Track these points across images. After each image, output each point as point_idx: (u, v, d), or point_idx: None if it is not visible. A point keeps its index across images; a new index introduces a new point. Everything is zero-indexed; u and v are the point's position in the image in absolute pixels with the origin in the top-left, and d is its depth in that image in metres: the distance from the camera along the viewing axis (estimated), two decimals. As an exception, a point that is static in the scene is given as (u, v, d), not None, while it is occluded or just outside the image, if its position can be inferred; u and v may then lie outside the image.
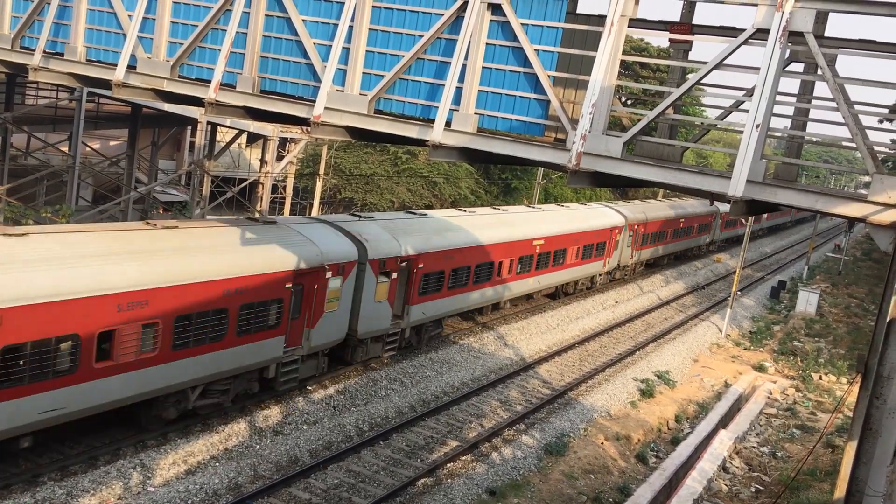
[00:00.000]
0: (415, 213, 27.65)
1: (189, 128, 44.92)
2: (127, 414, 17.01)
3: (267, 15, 13.16)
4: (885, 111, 12.18)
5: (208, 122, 35.83)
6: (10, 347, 13.51)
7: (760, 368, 31.92)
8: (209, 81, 13.45)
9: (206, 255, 17.26)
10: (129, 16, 14.46)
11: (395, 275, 22.97)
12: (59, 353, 14.31)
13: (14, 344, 13.57)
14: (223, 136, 41.23)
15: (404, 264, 23.47)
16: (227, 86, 13.56)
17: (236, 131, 38.12)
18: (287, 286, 19.01)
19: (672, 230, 49.00)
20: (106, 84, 15.06)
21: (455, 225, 27.38)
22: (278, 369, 19.73)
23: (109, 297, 14.92)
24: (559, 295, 36.76)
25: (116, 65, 14.53)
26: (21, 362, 13.74)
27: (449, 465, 18.58)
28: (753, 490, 20.30)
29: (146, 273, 15.74)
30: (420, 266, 24.06)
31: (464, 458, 19.10)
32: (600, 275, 40.11)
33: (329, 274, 20.26)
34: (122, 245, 16.10)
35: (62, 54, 15.84)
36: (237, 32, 13.22)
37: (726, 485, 20.32)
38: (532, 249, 31.06)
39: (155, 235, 17.17)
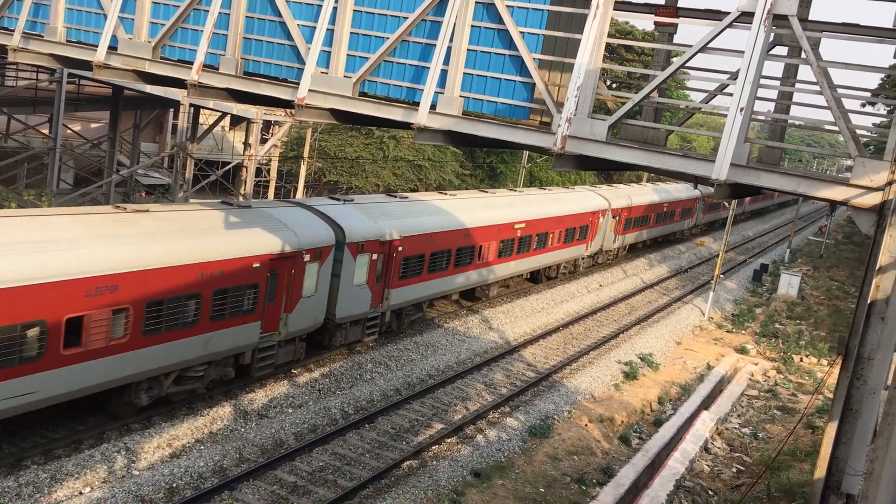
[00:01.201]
0: (395, 197, 27.33)
1: (171, 110, 44.55)
2: (100, 401, 16.90)
3: (250, -4, 13.03)
4: (868, 95, 12.24)
5: (191, 105, 35.52)
6: None
7: (742, 350, 32.23)
8: (191, 63, 13.32)
9: (176, 239, 17.04)
10: (110, -4, 14.27)
11: (374, 258, 22.73)
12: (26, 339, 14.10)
13: None
14: (206, 118, 40.92)
15: (384, 248, 23.30)
16: (210, 67, 13.43)
17: (219, 114, 37.81)
18: (262, 271, 18.75)
19: (655, 214, 49.09)
20: (87, 65, 14.89)
21: (436, 208, 27.23)
22: (254, 355, 19.60)
23: (78, 281, 14.65)
24: (541, 279, 36.73)
25: (97, 46, 14.35)
26: None
27: (434, 447, 18.67)
28: (735, 470, 20.56)
29: (115, 257, 15.49)
30: (400, 249, 23.81)
31: (449, 440, 19.19)
32: (583, 258, 40.11)
33: (307, 258, 20.14)
34: (91, 230, 15.91)
35: (42, 35, 15.63)
36: (220, 13, 13.09)
37: (708, 465, 20.56)
38: (514, 233, 30.88)
39: (125, 219, 17.00)
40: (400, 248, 23.83)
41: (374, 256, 22.86)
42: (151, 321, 16.26)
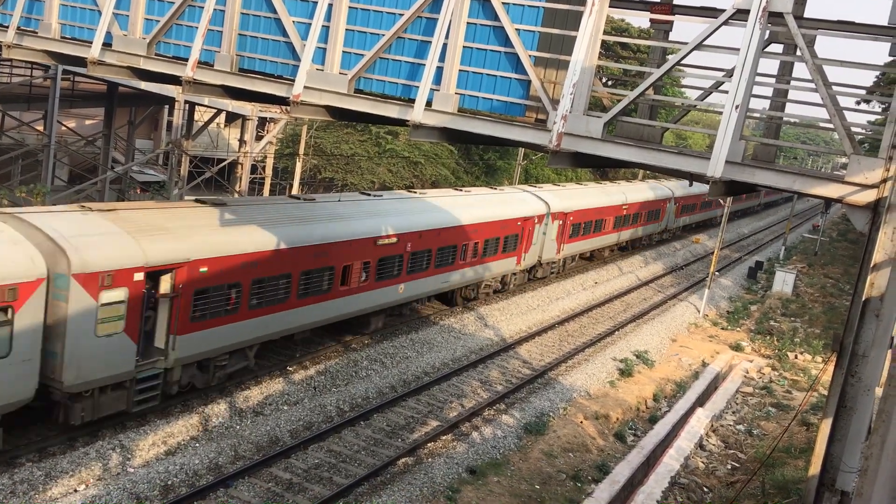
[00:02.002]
0: (204, 202, 20.22)
1: (166, 107, 44.43)
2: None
3: (245, -8, 12.99)
4: (863, 92, 12.26)
5: (186, 101, 35.46)
6: None
7: (737, 348, 32.30)
8: (186, 60, 13.28)
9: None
10: (105, -8, 14.21)
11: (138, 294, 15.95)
12: None
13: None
14: (201, 115, 40.82)
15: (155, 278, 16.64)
16: (205, 64, 13.40)
17: (214, 110, 37.74)
18: None
19: (612, 218, 42.98)
20: (81, 62, 14.84)
21: (274, 217, 20.37)
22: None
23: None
24: (456, 302, 30.12)
25: (92, 42, 14.30)
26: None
27: (429, 444, 18.68)
28: (730, 467, 20.61)
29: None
30: (193, 279, 17.08)
31: (444, 437, 19.20)
32: (515, 274, 33.76)
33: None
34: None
35: (36, 31, 15.57)
36: (215, 9, 13.04)
37: (703, 462, 20.60)
38: (399, 248, 24.25)
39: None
40: (204, 271, 17.28)
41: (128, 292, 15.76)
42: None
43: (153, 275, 16.40)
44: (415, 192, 29.81)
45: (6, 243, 14.32)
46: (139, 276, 15.81)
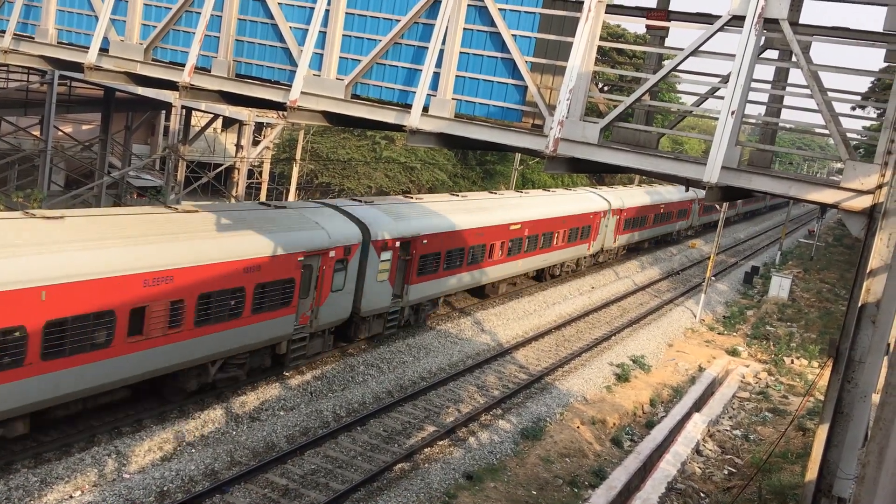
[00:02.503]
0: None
1: (163, 112, 44.38)
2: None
3: (242, -2, 13.01)
4: (858, 98, 12.31)
5: (183, 107, 35.44)
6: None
7: (734, 353, 32.31)
8: (183, 65, 13.29)
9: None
10: (101, -3, 14.23)
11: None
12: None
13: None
14: (198, 120, 40.81)
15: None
16: (202, 69, 13.41)
17: (211, 116, 37.73)
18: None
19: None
20: (78, 67, 14.85)
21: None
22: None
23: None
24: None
25: (88, 48, 14.30)
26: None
27: (426, 450, 18.65)
28: (726, 472, 20.60)
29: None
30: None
31: (441, 443, 19.17)
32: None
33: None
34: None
35: (33, 37, 15.57)
36: (212, 15, 13.06)
37: (700, 468, 20.60)
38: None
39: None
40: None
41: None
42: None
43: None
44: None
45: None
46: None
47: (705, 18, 10.40)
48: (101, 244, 15.59)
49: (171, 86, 14.37)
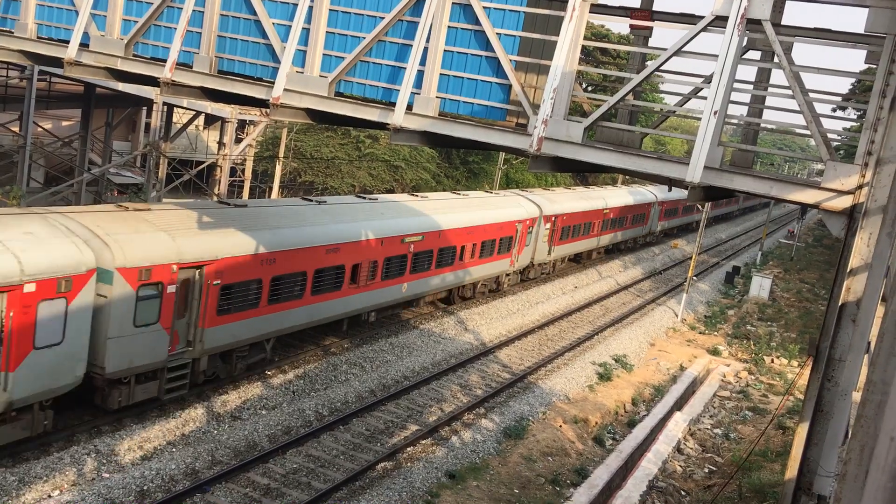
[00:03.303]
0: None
1: (144, 108, 43.99)
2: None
3: (225, -6, 12.91)
4: (839, 99, 12.41)
5: (164, 103, 35.17)
6: None
7: (715, 352, 32.52)
8: (165, 61, 13.17)
9: None
10: (82, -8, 14.08)
11: (170, 288, 16.99)
12: None
13: None
14: (180, 117, 40.53)
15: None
16: (184, 65, 13.29)
17: (193, 112, 37.48)
18: None
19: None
20: (58, 62, 14.67)
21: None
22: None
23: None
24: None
25: (68, 42, 14.15)
26: None
27: (409, 449, 18.63)
28: (707, 471, 20.72)
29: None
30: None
31: (424, 441, 19.15)
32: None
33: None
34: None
35: (12, 31, 15.38)
36: (193, 11, 12.95)
37: (681, 466, 20.71)
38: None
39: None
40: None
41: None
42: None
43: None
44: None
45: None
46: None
47: (688, 19, 10.44)
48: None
49: (152, 82, 14.26)
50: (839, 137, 12.30)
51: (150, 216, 17.91)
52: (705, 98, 9.61)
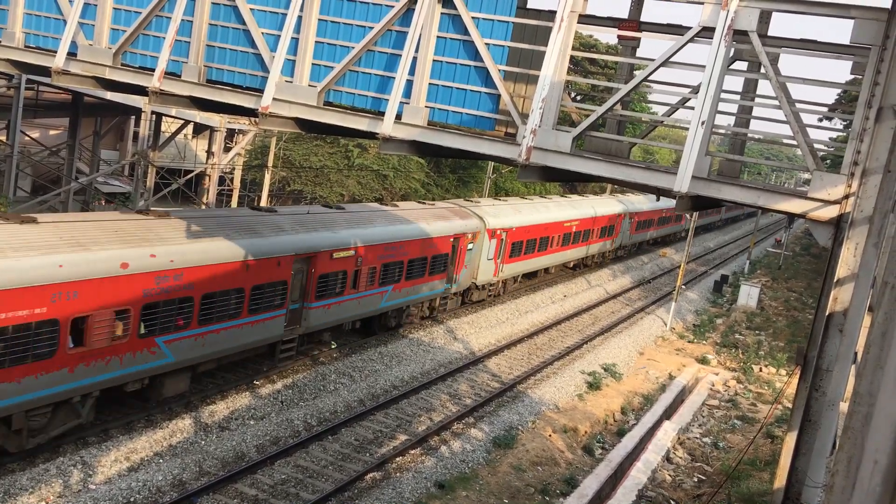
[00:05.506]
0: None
1: (133, 117, 43.86)
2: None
3: (213, 2, 12.91)
4: (825, 109, 12.51)
5: (153, 112, 35.05)
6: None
7: (703, 361, 32.59)
8: (153, 70, 13.14)
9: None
10: (70, 1, 14.04)
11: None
12: None
13: None
14: (168, 126, 40.41)
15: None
16: (172, 75, 13.27)
17: (182, 121, 37.38)
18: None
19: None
20: (45, 71, 14.62)
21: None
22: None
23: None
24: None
25: (56, 51, 14.10)
26: None
27: (398, 459, 18.55)
28: (696, 480, 20.73)
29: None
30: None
31: (413, 451, 19.08)
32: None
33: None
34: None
35: (0, 40, 15.32)
36: (182, 20, 12.94)
37: (670, 475, 20.71)
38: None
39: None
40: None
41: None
42: None
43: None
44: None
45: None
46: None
47: (676, 29, 10.51)
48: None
49: (140, 91, 14.21)
50: (826, 148, 12.39)
51: None
52: (693, 108, 9.67)
